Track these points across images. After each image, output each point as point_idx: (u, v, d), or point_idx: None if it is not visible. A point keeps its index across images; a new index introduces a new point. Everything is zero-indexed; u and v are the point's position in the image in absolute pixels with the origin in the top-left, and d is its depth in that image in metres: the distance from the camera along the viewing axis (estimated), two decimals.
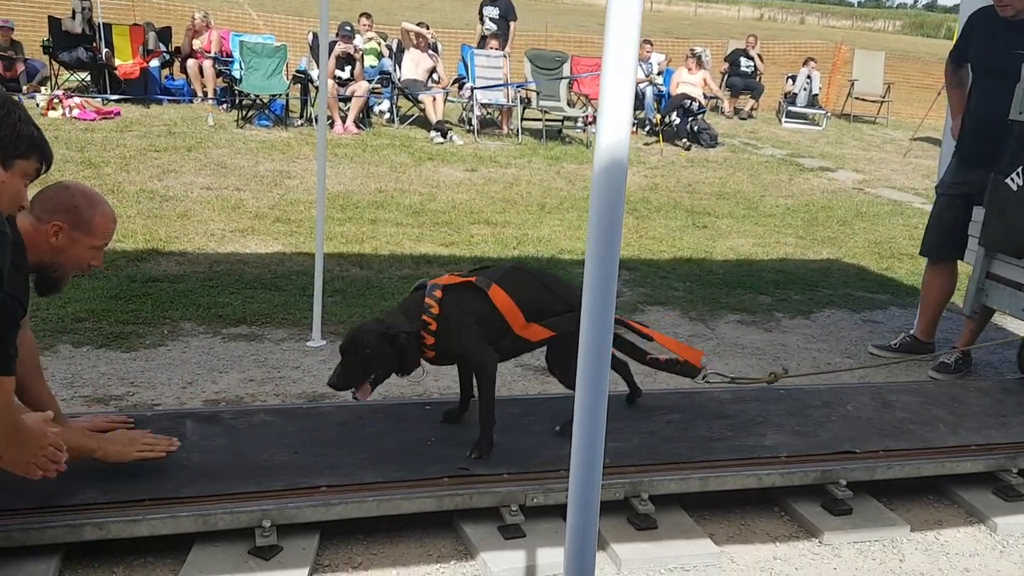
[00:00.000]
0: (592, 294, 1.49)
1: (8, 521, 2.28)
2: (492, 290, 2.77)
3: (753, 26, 31.94)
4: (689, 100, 11.73)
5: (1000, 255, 4.07)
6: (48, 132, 7.15)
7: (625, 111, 1.29)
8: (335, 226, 6.16)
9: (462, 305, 2.76)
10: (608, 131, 1.29)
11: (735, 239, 7.06)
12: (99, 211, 2.45)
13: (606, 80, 1.28)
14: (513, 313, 2.78)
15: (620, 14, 1.25)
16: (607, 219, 1.33)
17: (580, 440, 1.72)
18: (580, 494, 1.73)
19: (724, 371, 4.21)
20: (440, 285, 2.78)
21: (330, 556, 2.55)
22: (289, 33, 14.14)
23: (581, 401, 1.72)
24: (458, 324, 2.74)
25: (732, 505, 2.99)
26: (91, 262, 2.48)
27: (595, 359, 1.63)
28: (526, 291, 2.84)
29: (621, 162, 1.27)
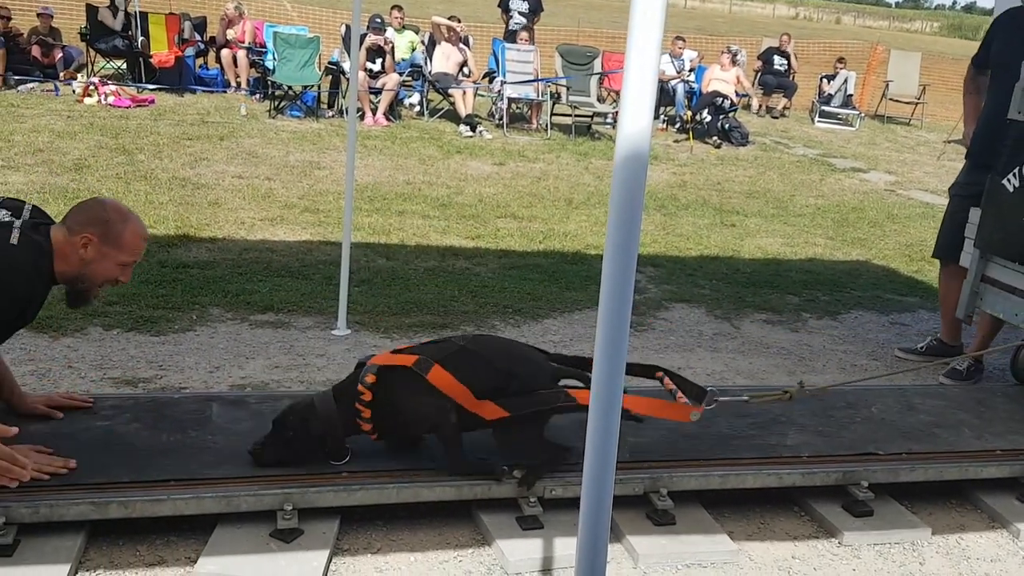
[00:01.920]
0: (610, 286, 1.49)
1: (35, 497, 2.33)
2: (433, 373, 2.56)
3: (788, 25, 31.62)
4: (721, 98, 11.65)
5: (996, 258, 3.97)
6: (83, 119, 7.25)
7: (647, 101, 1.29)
8: (363, 217, 6.20)
9: (400, 389, 2.57)
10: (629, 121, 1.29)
11: (763, 238, 7.01)
12: (130, 227, 2.47)
13: (629, 69, 1.28)
14: (460, 393, 2.56)
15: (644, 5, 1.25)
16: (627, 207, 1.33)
17: (595, 433, 1.72)
18: (593, 486, 1.73)
19: (747, 370, 4.22)
20: (375, 368, 2.58)
21: (350, 540, 2.58)
22: (322, 25, 14.23)
23: (597, 394, 1.72)
24: (400, 406, 2.58)
25: (752, 504, 2.98)
26: (119, 277, 2.50)
27: (611, 352, 1.62)
28: (475, 371, 2.60)
29: (642, 153, 1.28)
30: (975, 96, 4.56)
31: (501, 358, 2.69)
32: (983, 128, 4.31)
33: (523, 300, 4.91)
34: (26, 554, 2.27)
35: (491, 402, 2.59)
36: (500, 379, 2.62)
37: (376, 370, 2.58)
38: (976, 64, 4.57)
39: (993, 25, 4.53)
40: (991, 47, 4.42)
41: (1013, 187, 3.78)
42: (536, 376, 2.68)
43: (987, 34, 4.53)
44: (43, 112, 8.76)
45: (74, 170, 6.74)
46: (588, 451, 1.70)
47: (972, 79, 4.61)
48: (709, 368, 4.21)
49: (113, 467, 2.50)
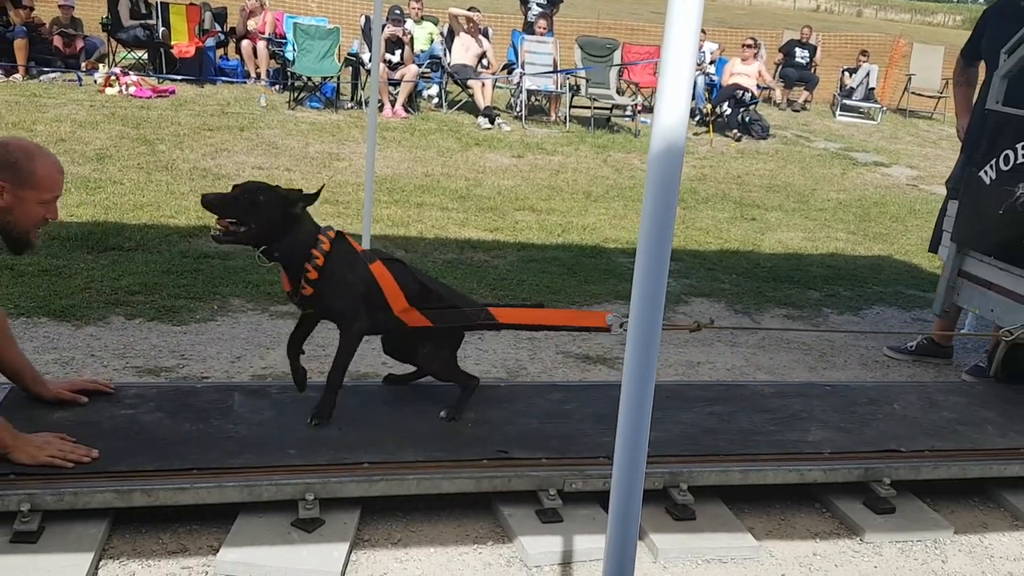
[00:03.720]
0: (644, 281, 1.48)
1: (61, 484, 2.34)
2: (375, 265, 2.76)
3: (809, 17, 31.33)
4: (741, 91, 11.57)
5: (972, 252, 3.90)
6: (105, 109, 7.27)
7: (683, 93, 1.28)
8: (381, 209, 6.20)
9: (349, 260, 2.74)
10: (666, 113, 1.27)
11: (784, 232, 6.96)
12: (40, 164, 2.37)
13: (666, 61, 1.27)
14: (394, 293, 2.76)
15: None
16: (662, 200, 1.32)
17: (625, 428, 1.70)
18: (623, 482, 1.72)
19: (768, 366, 4.20)
20: (335, 230, 2.75)
21: (370, 531, 2.59)
22: (342, 15, 14.23)
23: (628, 388, 1.71)
24: (342, 278, 2.70)
25: (772, 499, 2.97)
26: (46, 215, 2.44)
27: (643, 344, 1.61)
28: (409, 280, 2.83)
29: (678, 145, 1.27)
30: (966, 88, 4.52)
31: (432, 281, 2.95)
32: (975, 120, 4.26)
33: (541, 293, 4.90)
34: (50, 541, 2.29)
35: (416, 311, 2.80)
36: (427, 296, 2.84)
37: (338, 232, 2.73)
38: (965, 56, 4.53)
39: (983, 17, 4.49)
40: (982, 39, 4.37)
41: (990, 179, 3.72)
42: (462, 300, 2.98)
43: (976, 26, 4.50)
44: (65, 102, 8.82)
45: (96, 160, 6.78)
46: (618, 447, 1.68)
47: (962, 71, 4.57)
48: (729, 363, 4.18)
49: (137, 455, 2.52)
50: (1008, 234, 3.68)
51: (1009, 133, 3.66)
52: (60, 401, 2.73)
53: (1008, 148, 3.63)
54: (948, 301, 3.99)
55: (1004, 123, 3.71)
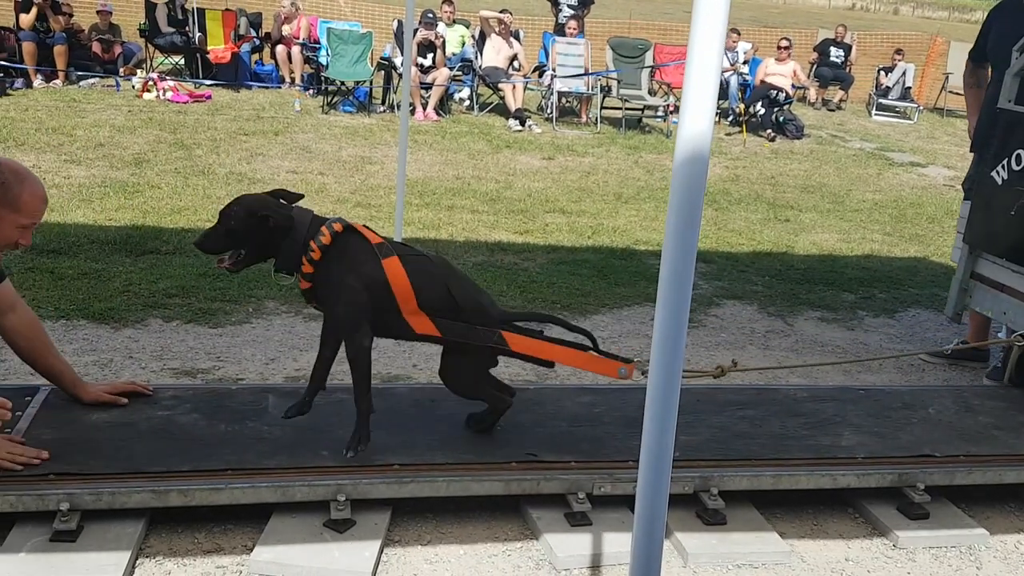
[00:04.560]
0: (668, 284, 1.48)
1: (99, 484, 2.40)
2: (389, 262, 2.56)
3: (844, 15, 30.96)
4: (775, 90, 11.47)
5: (985, 254, 3.81)
6: (143, 114, 7.39)
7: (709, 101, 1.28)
8: (413, 211, 6.25)
9: (352, 257, 2.56)
10: (690, 121, 1.28)
11: (818, 234, 6.89)
12: (27, 189, 2.39)
13: (691, 68, 1.27)
14: (405, 294, 2.57)
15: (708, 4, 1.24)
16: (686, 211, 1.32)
17: (651, 430, 1.71)
18: (649, 484, 1.72)
19: (801, 369, 4.16)
20: (344, 222, 2.60)
21: (400, 532, 2.61)
22: (374, 20, 14.33)
23: (653, 390, 1.71)
24: (340, 279, 2.55)
25: (804, 504, 2.95)
26: (19, 240, 2.46)
27: (669, 348, 1.61)
28: (428, 283, 2.62)
29: (703, 154, 1.27)
30: (976, 89, 4.45)
31: (456, 285, 2.68)
32: (983, 119, 4.19)
33: (572, 296, 4.90)
34: (89, 540, 2.34)
35: (427, 317, 2.61)
36: (446, 303, 2.63)
37: (346, 224, 2.60)
38: (973, 58, 4.47)
39: (988, 17, 4.44)
40: (988, 40, 4.31)
41: (1001, 179, 3.64)
42: (481, 315, 2.70)
43: (982, 26, 4.44)
44: (104, 107, 8.99)
45: (134, 164, 6.91)
46: (644, 449, 1.69)
47: (971, 73, 4.51)
48: (761, 366, 4.15)
49: (173, 456, 2.57)
50: (1020, 236, 3.61)
51: (1021, 133, 3.59)
52: (99, 403, 2.79)
53: (1020, 148, 3.56)
54: (960, 304, 3.93)
55: (1016, 122, 3.64)
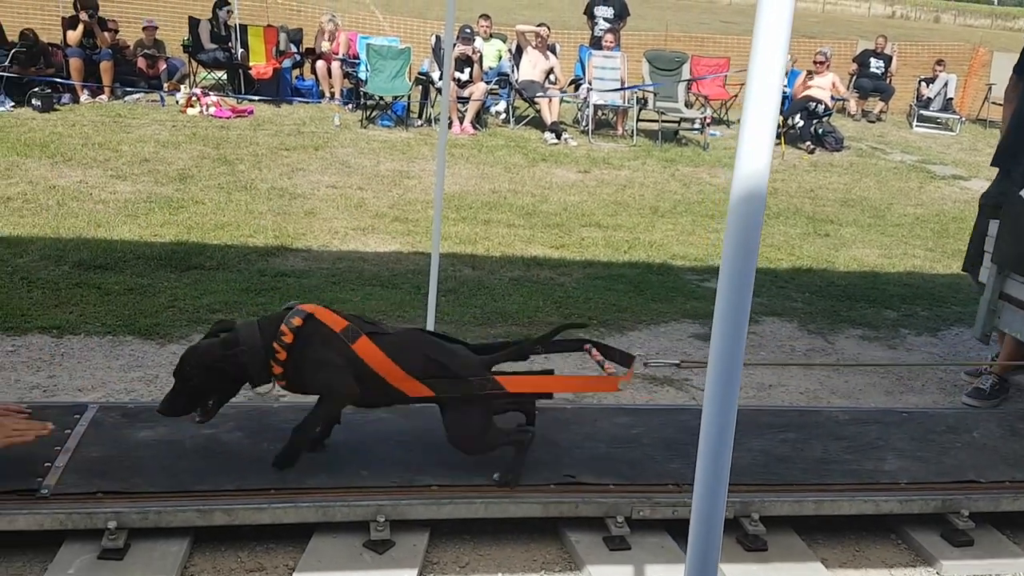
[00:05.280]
0: (724, 327, 1.46)
1: (146, 503, 2.45)
2: (359, 344, 2.57)
3: (884, 24, 30.60)
4: (814, 102, 11.36)
5: (1013, 274, 3.70)
6: (187, 129, 7.53)
7: (767, 139, 1.27)
8: (449, 226, 6.28)
9: (320, 346, 2.57)
10: (747, 160, 1.27)
11: (859, 249, 6.81)
12: None
13: (749, 104, 1.27)
14: (386, 367, 2.58)
15: (767, 38, 1.24)
16: (743, 250, 1.32)
17: (706, 457, 1.66)
18: (703, 512, 1.68)
19: (843, 390, 4.11)
20: (304, 313, 2.58)
21: (439, 554, 2.63)
22: (412, 34, 14.47)
23: (709, 415, 1.66)
24: (314, 361, 2.56)
25: (846, 530, 2.91)
26: None
27: (725, 374, 1.57)
28: (403, 352, 2.62)
29: (760, 193, 1.26)
30: (1013, 105, 4.33)
31: (431, 349, 2.69)
32: (1011, 134, 4.09)
33: (608, 311, 4.90)
34: (135, 558, 2.39)
35: (417, 380, 2.61)
36: (428, 367, 2.63)
37: (306, 316, 2.58)
38: (1018, 72, 4.33)
39: None
40: None
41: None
42: (467, 366, 2.68)
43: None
44: (148, 122, 9.18)
45: (178, 180, 7.04)
46: (698, 476, 1.65)
47: (1013, 86, 4.35)
48: (802, 386, 4.11)
49: (217, 474, 2.61)
50: None
51: None
52: None
53: None
54: (989, 325, 3.84)
55: None
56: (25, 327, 4.02)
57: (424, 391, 2.63)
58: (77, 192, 6.44)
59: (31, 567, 2.38)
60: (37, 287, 4.50)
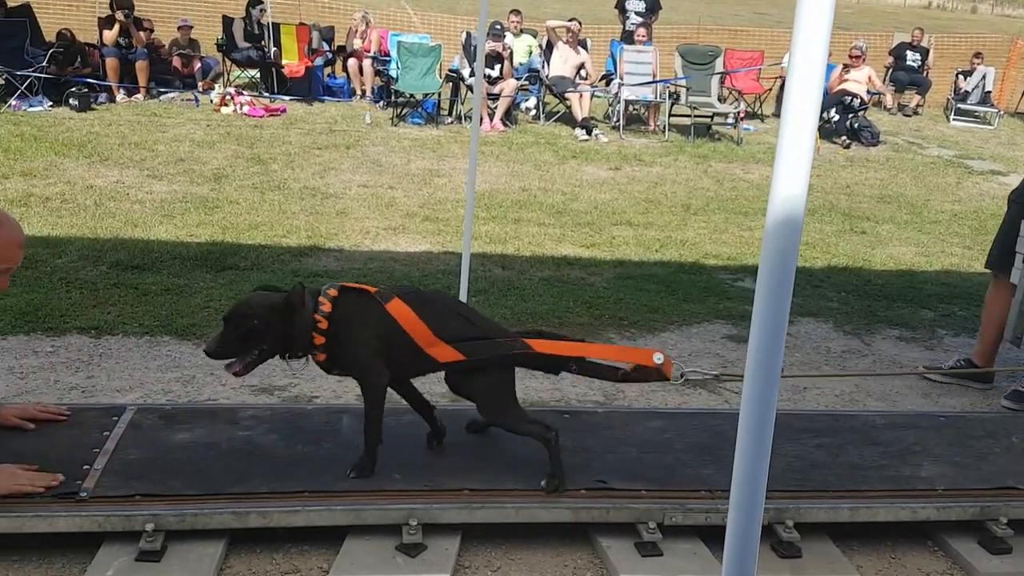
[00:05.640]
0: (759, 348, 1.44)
1: (182, 505, 2.48)
2: (392, 304, 2.62)
3: (920, 15, 30.07)
4: (850, 96, 11.21)
5: None
6: (221, 128, 7.59)
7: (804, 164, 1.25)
8: (479, 225, 6.29)
9: (357, 313, 2.62)
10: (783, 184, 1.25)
11: (896, 247, 6.71)
12: (2, 235, 2.40)
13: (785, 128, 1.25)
14: (418, 328, 2.62)
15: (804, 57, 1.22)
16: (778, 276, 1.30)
17: (743, 462, 1.63)
18: (740, 520, 1.66)
19: (879, 392, 4.06)
20: (336, 285, 2.68)
21: (470, 558, 2.64)
22: (442, 29, 14.49)
23: (746, 421, 1.63)
24: (349, 332, 2.62)
25: (882, 537, 2.88)
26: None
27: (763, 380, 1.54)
28: (435, 312, 2.67)
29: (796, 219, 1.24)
30: None
31: (462, 307, 2.81)
32: None
33: (639, 312, 4.87)
34: (172, 560, 2.42)
35: (447, 344, 2.63)
36: (458, 324, 2.67)
37: (340, 287, 2.66)
38: None
39: None
40: None
41: None
42: (494, 329, 2.74)
43: None
44: (183, 121, 9.29)
45: (213, 180, 7.12)
46: (735, 482, 1.63)
47: None
48: (837, 388, 4.07)
49: (253, 477, 2.65)
50: None
51: None
52: (7, 426, 2.74)
53: None
54: (1021, 327, 3.76)
55: None
56: (64, 327, 4.09)
57: (455, 356, 2.65)
58: (114, 192, 6.54)
59: (70, 568, 2.42)
60: (76, 287, 4.58)
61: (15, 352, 3.81)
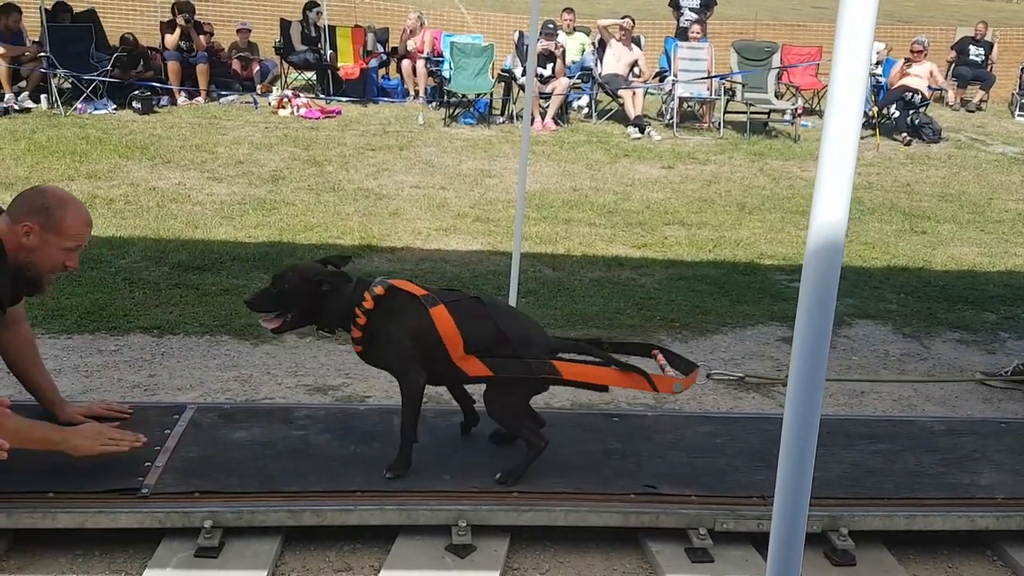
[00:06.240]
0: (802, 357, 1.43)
1: (240, 503, 2.55)
2: (436, 310, 2.68)
3: (984, 8, 29.13)
4: (911, 92, 10.93)
5: None
6: (278, 130, 7.74)
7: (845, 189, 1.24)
8: (530, 225, 6.29)
9: (398, 315, 2.69)
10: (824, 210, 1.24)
11: (958, 247, 6.54)
12: (70, 213, 2.51)
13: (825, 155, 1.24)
14: (454, 340, 2.67)
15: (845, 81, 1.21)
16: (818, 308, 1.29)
17: (786, 467, 1.61)
18: (784, 527, 1.65)
19: (938, 396, 3.96)
20: (386, 284, 2.73)
21: (519, 559, 2.65)
22: (495, 28, 14.54)
23: (790, 424, 1.62)
24: (387, 334, 2.69)
25: (939, 545, 2.82)
26: (65, 262, 2.56)
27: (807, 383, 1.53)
28: (475, 323, 2.71)
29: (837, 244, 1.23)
30: None
31: (504, 320, 2.77)
32: None
33: (691, 314, 4.83)
34: (229, 556, 2.49)
35: (477, 359, 2.68)
36: (494, 339, 2.70)
37: (388, 287, 2.71)
38: None
39: None
40: None
41: None
42: (529, 345, 2.74)
43: None
44: (242, 124, 9.49)
45: (271, 181, 7.26)
46: (779, 488, 1.61)
47: None
48: (895, 393, 3.99)
49: (307, 476, 2.70)
50: None
51: None
52: (73, 424, 2.79)
53: None
54: None
55: None
56: (127, 327, 4.22)
57: (483, 371, 2.70)
58: (176, 194, 6.71)
59: (131, 563, 2.51)
60: (139, 287, 4.73)
61: (80, 351, 3.95)
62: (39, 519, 2.47)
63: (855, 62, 1.18)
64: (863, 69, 1.17)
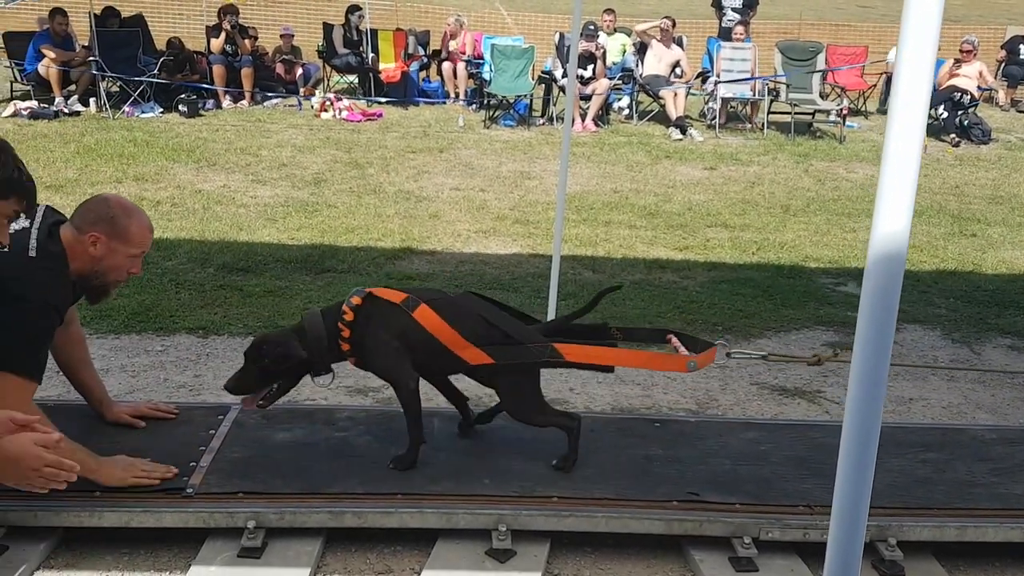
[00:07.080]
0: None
1: (282, 504, 2.56)
2: (419, 311, 2.68)
3: None
4: (960, 93, 10.69)
5: None
6: (321, 133, 7.81)
7: (907, 198, 1.21)
8: (570, 228, 6.27)
9: (378, 320, 2.69)
10: (886, 220, 1.21)
11: (1009, 251, 6.38)
12: (135, 221, 2.57)
13: (887, 161, 1.20)
14: (447, 333, 2.68)
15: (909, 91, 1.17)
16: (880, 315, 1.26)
17: (846, 477, 1.58)
18: (842, 537, 1.62)
19: (989, 404, 3.86)
20: (362, 292, 2.73)
21: (559, 565, 2.63)
22: (535, 30, 14.53)
23: (849, 433, 1.58)
24: (374, 340, 2.70)
25: (991, 557, 2.74)
26: (130, 270, 2.61)
27: (868, 392, 1.49)
28: (463, 318, 2.71)
29: (899, 255, 1.20)
30: None
31: (489, 313, 2.77)
32: None
33: (734, 317, 4.77)
34: (272, 557, 2.50)
35: (476, 348, 2.68)
36: (486, 329, 2.70)
37: (364, 295, 2.71)
38: None
39: None
40: None
41: None
42: (523, 332, 2.74)
43: None
44: (286, 127, 9.59)
45: (313, 184, 7.33)
46: (837, 496, 1.58)
47: None
48: (945, 400, 3.89)
49: (348, 477, 2.71)
50: None
51: None
52: (119, 423, 2.88)
53: None
54: None
55: None
56: (173, 327, 4.28)
57: (484, 358, 2.71)
58: (221, 196, 6.81)
59: (176, 562, 2.53)
60: (185, 289, 4.80)
61: (127, 351, 4.01)
62: (86, 518, 2.51)
63: (919, 72, 1.15)
64: (926, 81, 1.14)
